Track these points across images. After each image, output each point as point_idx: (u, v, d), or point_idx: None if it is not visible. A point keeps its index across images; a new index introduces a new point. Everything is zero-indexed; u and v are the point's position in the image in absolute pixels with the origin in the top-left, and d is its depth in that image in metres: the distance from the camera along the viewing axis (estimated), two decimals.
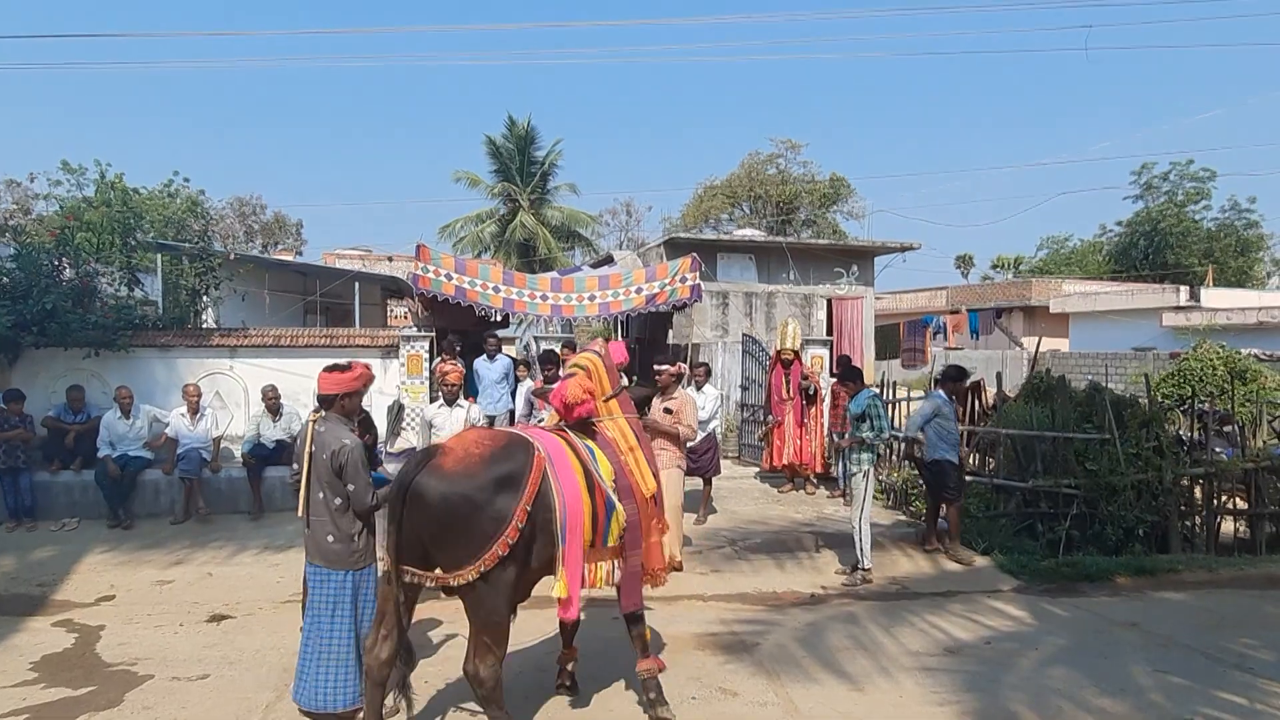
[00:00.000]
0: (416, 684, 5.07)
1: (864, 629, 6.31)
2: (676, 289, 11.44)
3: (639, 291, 11.41)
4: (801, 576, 7.68)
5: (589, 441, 4.67)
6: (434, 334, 10.94)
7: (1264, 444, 10.19)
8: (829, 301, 16.74)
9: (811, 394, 10.96)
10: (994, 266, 54.70)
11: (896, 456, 10.74)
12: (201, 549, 8.23)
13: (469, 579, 3.97)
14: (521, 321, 16.98)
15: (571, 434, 4.66)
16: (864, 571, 7.49)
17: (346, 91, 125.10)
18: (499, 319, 12.69)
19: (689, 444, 9.15)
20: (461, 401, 7.10)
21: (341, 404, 4.64)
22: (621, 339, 17.01)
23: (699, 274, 11.55)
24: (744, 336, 13.76)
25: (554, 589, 4.26)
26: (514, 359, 11.42)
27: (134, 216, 11.30)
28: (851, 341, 15.84)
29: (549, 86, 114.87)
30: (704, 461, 9.32)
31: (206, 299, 13.26)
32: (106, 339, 9.88)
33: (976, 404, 11.31)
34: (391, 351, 10.90)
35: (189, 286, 12.70)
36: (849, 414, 7.85)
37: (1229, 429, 10.32)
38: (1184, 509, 9.27)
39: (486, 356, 10.78)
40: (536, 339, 13.88)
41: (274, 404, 9.63)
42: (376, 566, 4.68)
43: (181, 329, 11.46)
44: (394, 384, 10.82)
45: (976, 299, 33.02)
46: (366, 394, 5.76)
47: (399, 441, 10.59)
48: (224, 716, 4.74)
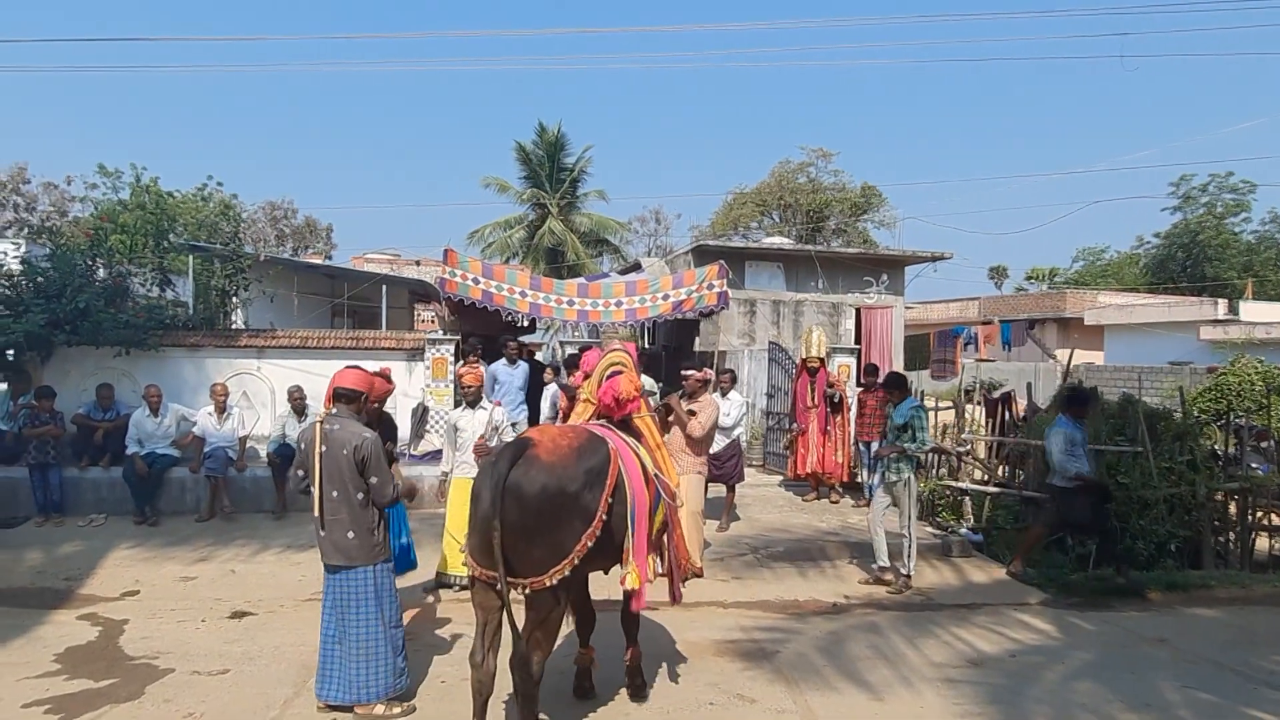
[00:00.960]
0: (433, 684, 5.11)
1: (886, 639, 6.21)
2: (704, 296, 11.42)
3: (666, 298, 11.39)
4: (824, 585, 7.59)
5: (629, 437, 4.69)
6: (460, 338, 10.99)
7: None
8: (858, 311, 16.61)
9: (837, 402, 10.85)
10: (1028, 278, 53.98)
11: (934, 469, 10.53)
12: (225, 547, 8.30)
13: (565, 574, 3.90)
14: (548, 327, 17.06)
15: (616, 429, 4.67)
16: (905, 579, 7.43)
17: (378, 97, 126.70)
18: (525, 324, 12.74)
19: (712, 450, 9.14)
20: (485, 404, 7.09)
21: (360, 403, 4.68)
22: (647, 345, 17.01)
23: (726, 281, 11.51)
24: (770, 344, 13.68)
25: (625, 580, 4.28)
26: (542, 363, 11.42)
27: (167, 219, 11.52)
28: (880, 351, 15.70)
29: (580, 93, 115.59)
30: (727, 468, 9.26)
31: (236, 300, 13.46)
32: (137, 338, 10.05)
33: (1007, 415, 11.15)
34: (417, 354, 10.97)
35: (219, 288, 12.91)
36: (891, 423, 7.72)
37: (1266, 445, 10.09)
38: (1217, 524, 9.06)
39: (506, 361, 10.60)
40: (563, 344, 13.91)
41: (300, 404, 9.72)
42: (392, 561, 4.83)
43: (211, 329, 11.64)
44: (419, 387, 10.88)
45: (1009, 310, 32.59)
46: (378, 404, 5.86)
47: (423, 444, 10.68)
48: (243, 710, 4.76)
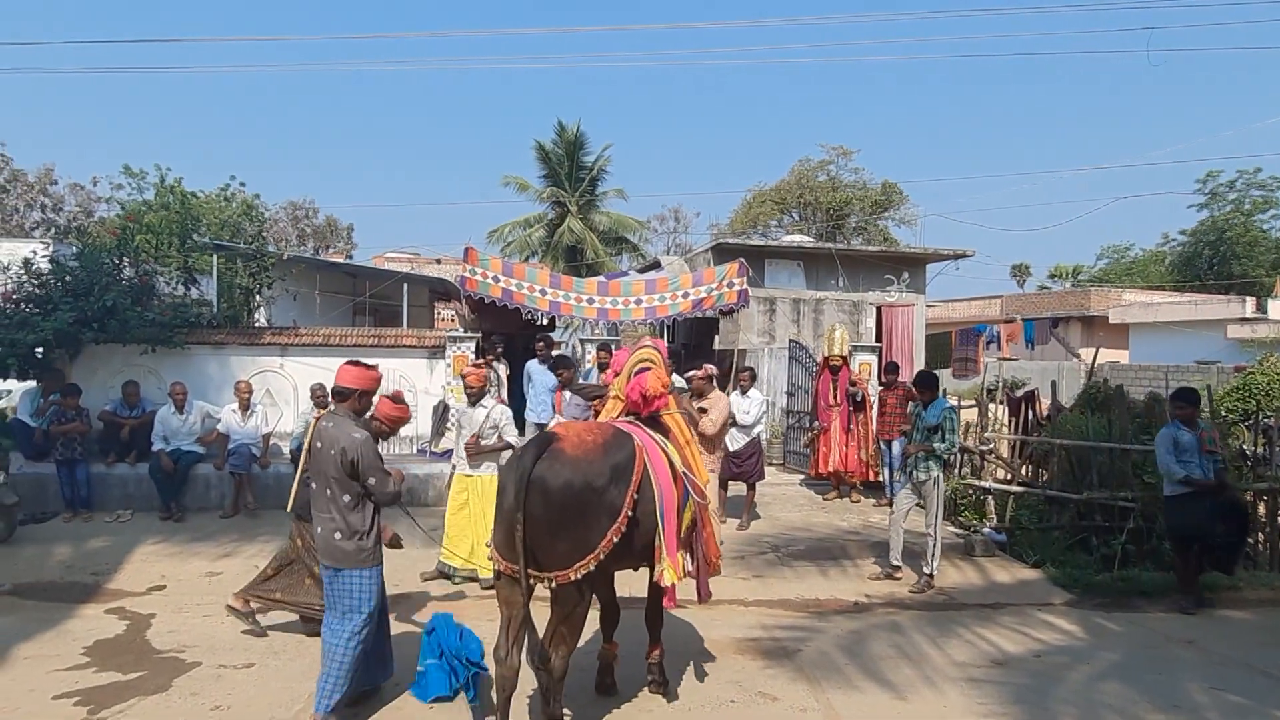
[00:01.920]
0: None
1: (909, 638, 6.18)
2: (723, 294, 11.39)
3: (685, 296, 11.39)
4: (845, 584, 7.56)
5: (657, 434, 4.68)
6: (480, 336, 11.03)
7: None
8: (878, 309, 16.52)
9: (859, 401, 10.80)
10: (1051, 276, 53.25)
11: (959, 468, 10.41)
12: (250, 542, 8.38)
13: (590, 569, 3.91)
14: (568, 325, 17.07)
15: (644, 426, 4.66)
16: (928, 578, 7.40)
17: (399, 96, 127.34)
18: (544, 322, 12.75)
19: (733, 448, 9.14)
20: (485, 402, 7.16)
21: (356, 401, 4.60)
22: (667, 344, 16.99)
23: (746, 279, 11.48)
24: (791, 343, 13.64)
25: (663, 577, 4.30)
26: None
27: (191, 219, 11.66)
28: (901, 350, 15.62)
29: (600, 91, 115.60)
30: (748, 466, 9.25)
31: (259, 298, 13.57)
32: (163, 336, 10.15)
33: (1030, 414, 11.05)
34: (438, 352, 11.02)
35: (243, 286, 13.01)
36: (921, 423, 7.58)
37: None
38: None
39: (539, 360, 10.19)
40: (583, 342, 13.90)
41: (323, 401, 9.72)
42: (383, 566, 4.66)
43: (235, 327, 11.74)
44: (439, 384, 10.93)
45: (1032, 308, 32.33)
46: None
47: (444, 441, 10.71)
48: (268, 704, 4.80)
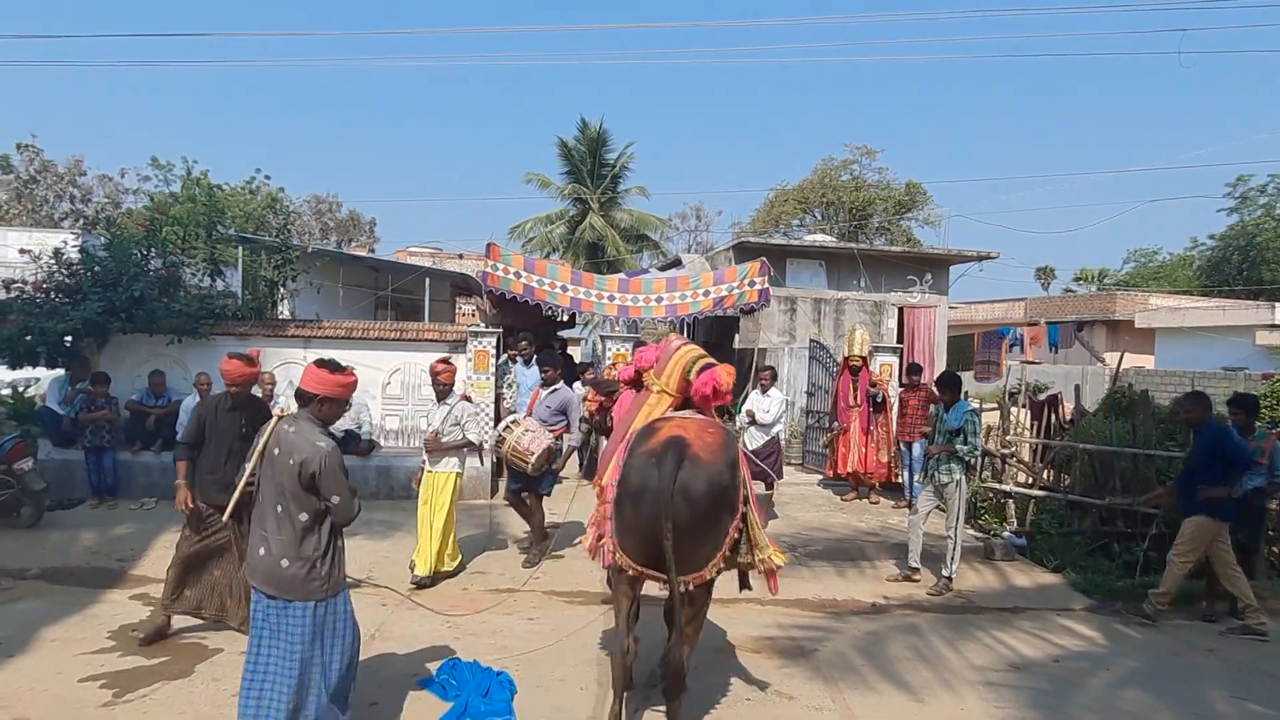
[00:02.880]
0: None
1: (926, 641, 6.15)
2: (744, 293, 11.38)
3: (707, 294, 11.38)
4: (863, 585, 7.54)
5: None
6: (502, 331, 11.08)
7: None
8: (900, 310, 16.43)
9: (879, 401, 10.76)
10: (1077, 279, 52.64)
11: (980, 472, 10.34)
12: None
13: (721, 566, 3.98)
14: (588, 322, 17.12)
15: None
16: (946, 580, 7.36)
17: (422, 92, 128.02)
18: (565, 319, 12.78)
19: (752, 447, 9.13)
20: (449, 399, 7.21)
21: (320, 407, 3.97)
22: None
23: (767, 279, 11.45)
24: (811, 342, 13.60)
25: (771, 559, 4.30)
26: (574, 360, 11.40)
27: (217, 211, 11.77)
28: (923, 351, 15.51)
29: (623, 89, 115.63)
30: (766, 465, 9.23)
31: (283, 291, 13.70)
32: (189, 327, 10.26)
33: (1053, 418, 10.96)
34: (459, 347, 11.07)
35: (267, 278, 13.14)
36: (943, 425, 7.51)
37: None
38: (1271, 534, 8.80)
39: (523, 361, 10.51)
40: (603, 339, 13.93)
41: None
42: (348, 594, 4.04)
43: (259, 319, 11.84)
44: (460, 379, 10.97)
45: (1057, 311, 31.98)
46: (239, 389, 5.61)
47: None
48: None
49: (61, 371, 10.23)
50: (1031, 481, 9.92)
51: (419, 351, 11.01)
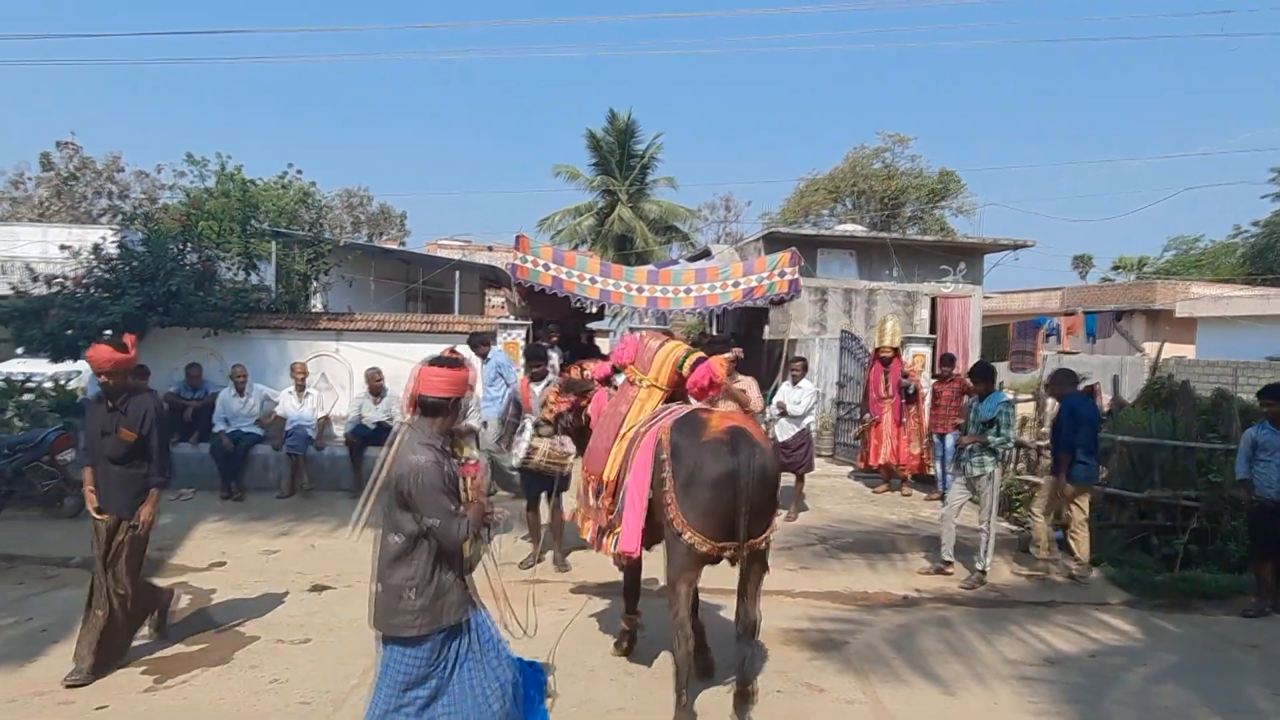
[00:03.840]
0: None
1: (959, 634, 6.10)
2: (774, 284, 11.32)
3: (736, 285, 11.34)
4: (894, 578, 7.48)
5: None
6: (531, 323, 11.12)
7: None
8: (933, 300, 16.26)
9: (911, 393, 10.64)
10: (1115, 268, 51.58)
11: (1014, 464, 10.20)
12: (305, 522, 8.59)
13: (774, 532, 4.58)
14: (616, 314, 17.12)
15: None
16: (980, 574, 7.29)
17: (452, 85, 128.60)
18: (594, 310, 12.80)
19: (782, 438, 9.11)
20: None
21: (443, 419, 3.45)
22: (716, 333, 16.95)
23: (798, 269, 11.38)
24: (842, 333, 13.50)
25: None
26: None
27: (251, 206, 11.94)
28: (957, 341, 15.36)
29: (651, 79, 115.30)
30: (796, 457, 9.19)
31: (316, 284, 13.87)
32: (224, 320, 10.43)
33: None
34: (489, 338, 11.14)
35: (300, 272, 13.32)
36: (976, 416, 7.46)
37: None
38: None
39: (479, 357, 9.73)
40: (632, 330, 13.95)
41: (377, 386, 9.95)
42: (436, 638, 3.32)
43: (292, 312, 12.00)
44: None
45: (1094, 301, 31.45)
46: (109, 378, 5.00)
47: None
48: (325, 678, 4.95)
49: None
50: None
51: (450, 344, 11.07)
